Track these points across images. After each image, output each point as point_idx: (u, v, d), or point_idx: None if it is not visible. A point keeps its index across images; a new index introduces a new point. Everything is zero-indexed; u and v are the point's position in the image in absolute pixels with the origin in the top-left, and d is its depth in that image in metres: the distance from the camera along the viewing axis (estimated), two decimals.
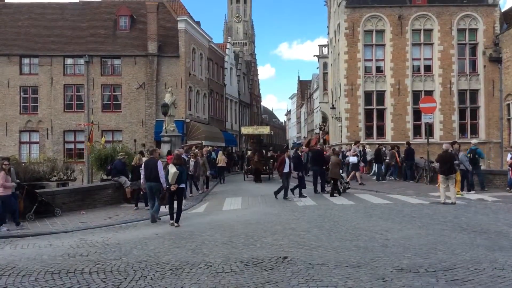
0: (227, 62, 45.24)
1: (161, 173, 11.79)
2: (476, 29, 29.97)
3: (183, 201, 12.40)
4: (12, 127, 31.83)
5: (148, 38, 31.45)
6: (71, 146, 31.94)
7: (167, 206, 12.10)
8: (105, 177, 17.97)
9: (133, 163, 15.59)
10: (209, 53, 38.49)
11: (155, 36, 31.39)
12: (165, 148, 22.64)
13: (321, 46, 46.60)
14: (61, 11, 35.21)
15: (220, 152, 26.39)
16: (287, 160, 16.36)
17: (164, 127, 24.61)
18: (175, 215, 11.51)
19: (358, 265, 6.85)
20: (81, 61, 31.94)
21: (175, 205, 11.63)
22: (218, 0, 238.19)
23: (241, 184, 24.14)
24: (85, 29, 33.70)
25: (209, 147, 26.47)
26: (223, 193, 19.20)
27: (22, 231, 11.42)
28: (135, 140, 30.30)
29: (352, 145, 24.39)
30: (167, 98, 24.76)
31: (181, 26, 32.17)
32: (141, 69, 31.66)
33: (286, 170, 16.14)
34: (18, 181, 12.88)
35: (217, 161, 25.03)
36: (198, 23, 36.71)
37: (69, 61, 32.42)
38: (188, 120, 32.09)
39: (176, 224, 11.24)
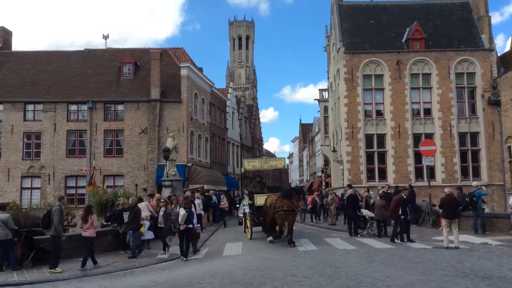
0: (229, 106, 45.81)
1: (195, 218, 14.56)
2: (473, 73, 30.43)
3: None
4: (15, 172, 31.92)
5: (151, 84, 32.03)
6: (73, 191, 31.88)
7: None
8: (105, 223, 17.83)
9: (119, 208, 15.54)
10: (211, 98, 39.05)
11: (158, 82, 31.97)
12: (166, 192, 22.62)
13: (321, 90, 47.27)
14: (67, 58, 36.09)
15: (223, 196, 26.40)
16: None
17: (165, 172, 24.68)
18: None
19: None
20: (85, 107, 32.41)
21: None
22: (221, 47, 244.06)
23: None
24: (90, 76, 34.42)
25: (205, 191, 26.39)
26: (224, 238, 18.96)
27: (19, 279, 11.27)
28: (136, 185, 30.27)
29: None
30: (169, 143, 24.96)
31: (183, 72, 32.81)
32: (144, 114, 32.07)
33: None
34: (16, 227, 12.82)
35: (223, 205, 25.82)
36: (200, 69, 37.48)
37: (73, 107, 32.89)
38: (189, 164, 32.16)
39: (185, 259, 13.47)
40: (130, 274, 11.82)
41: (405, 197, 15.66)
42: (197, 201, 22.28)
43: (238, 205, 30.82)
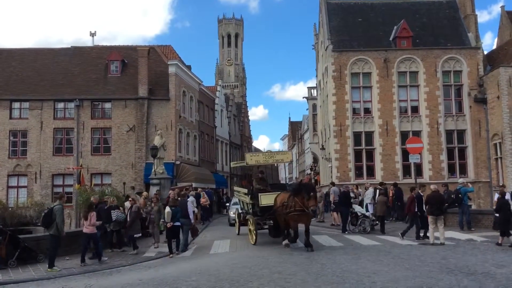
0: (217, 104, 45.72)
1: (190, 211, 15.17)
2: (460, 71, 30.71)
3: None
4: (1, 171, 31.56)
5: (139, 82, 31.85)
6: (60, 190, 31.50)
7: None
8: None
9: (106, 206, 15.28)
10: (200, 96, 38.94)
11: (146, 80, 31.80)
12: (154, 190, 22.52)
13: (310, 88, 47.41)
14: (53, 56, 35.71)
15: (203, 193, 26.14)
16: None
17: (153, 170, 24.60)
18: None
19: None
20: (72, 105, 32.13)
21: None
22: (210, 45, 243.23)
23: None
24: (77, 73, 34.12)
25: (195, 189, 26.33)
26: (212, 236, 18.92)
27: (3, 278, 11.15)
28: (124, 183, 30.09)
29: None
30: (157, 141, 24.88)
31: (171, 70, 32.67)
32: (132, 112, 31.88)
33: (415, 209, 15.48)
34: (0, 226, 12.69)
35: (204, 202, 25.15)
36: (188, 67, 37.34)
37: (60, 105, 32.58)
38: (178, 162, 32.05)
39: (177, 252, 14.10)
40: (116, 273, 11.77)
41: (421, 193, 15.58)
42: (190, 199, 22.32)
43: (227, 204, 28.89)
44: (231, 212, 22.75)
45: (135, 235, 15.18)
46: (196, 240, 17.96)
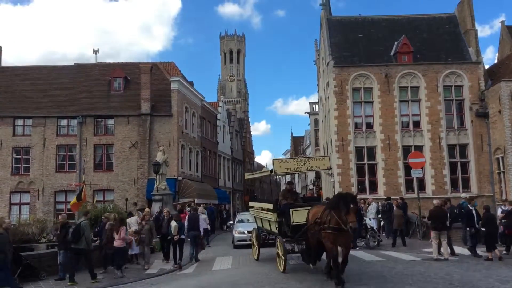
0: (219, 120, 45.87)
1: (201, 224, 16.32)
2: (461, 86, 30.77)
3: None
4: (3, 188, 31.61)
5: (142, 98, 32.03)
6: (62, 206, 31.50)
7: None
8: (93, 238, 17.64)
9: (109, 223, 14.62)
10: (202, 112, 39.11)
11: (148, 96, 31.98)
12: (156, 207, 22.51)
13: (311, 103, 47.59)
14: (57, 73, 36.03)
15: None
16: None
17: (155, 186, 24.60)
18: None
19: None
20: (75, 121, 32.29)
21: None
22: (213, 61, 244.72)
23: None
24: (80, 90, 34.37)
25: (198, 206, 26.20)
26: (215, 252, 18.83)
27: None
28: (126, 199, 30.06)
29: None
30: (159, 157, 24.93)
31: (174, 86, 32.87)
32: (134, 128, 32.00)
33: None
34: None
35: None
36: (191, 83, 37.58)
37: (63, 122, 32.75)
38: (180, 178, 32.04)
39: (180, 262, 14.87)
40: None
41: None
42: (202, 216, 22.24)
43: (231, 222, 26.61)
44: (236, 232, 20.32)
45: (133, 252, 15.17)
46: (198, 257, 17.86)
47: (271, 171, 13.15)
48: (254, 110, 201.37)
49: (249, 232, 18.34)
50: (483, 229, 14.14)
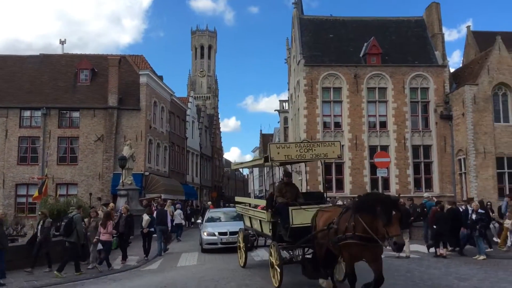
0: (189, 115, 45.50)
1: (169, 219, 17.05)
2: (427, 88, 31.53)
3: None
4: None
5: (109, 91, 31.42)
6: (23, 200, 30.67)
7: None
8: (56, 233, 17.20)
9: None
10: (171, 107, 38.70)
11: (116, 89, 31.40)
12: (121, 201, 22.14)
13: (282, 101, 47.83)
14: (21, 63, 34.89)
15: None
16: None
17: (121, 181, 24.22)
18: None
19: None
20: (39, 113, 31.40)
21: None
22: (183, 56, 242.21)
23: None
24: (45, 81, 33.42)
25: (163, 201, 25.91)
26: (181, 248, 18.65)
27: None
28: (90, 194, 29.47)
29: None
30: (125, 151, 24.56)
31: (142, 80, 32.39)
32: (100, 121, 31.37)
33: None
34: None
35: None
36: (160, 77, 37.10)
37: (26, 113, 31.80)
38: (147, 173, 31.64)
39: (146, 258, 15.19)
40: (80, 285, 11.47)
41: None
42: (178, 212, 22.49)
43: (199, 221, 23.90)
44: (204, 233, 16.96)
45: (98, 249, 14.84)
46: (163, 253, 17.67)
47: (265, 159, 10.48)
48: (224, 107, 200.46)
49: (220, 233, 16.39)
50: (435, 226, 14.46)
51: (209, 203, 39.23)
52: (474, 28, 41.89)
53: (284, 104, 46.72)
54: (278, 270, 9.54)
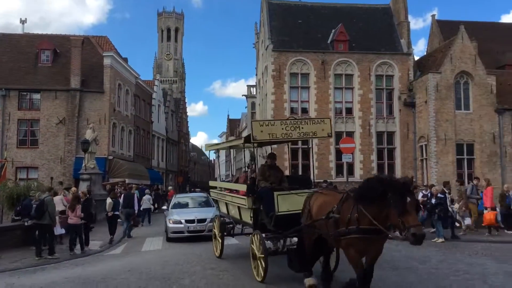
0: (155, 99, 44.81)
1: (136, 203, 17.72)
2: (392, 76, 32.06)
3: None
4: None
5: (71, 72, 30.46)
6: None
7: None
8: (15, 217, 16.74)
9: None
10: (136, 90, 37.96)
11: (79, 71, 30.49)
12: (83, 186, 21.64)
13: (249, 86, 47.69)
14: None
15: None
16: None
17: (84, 164, 23.70)
18: None
19: None
20: None
21: None
22: (149, 38, 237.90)
23: None
24: (4, 62, 32.06)
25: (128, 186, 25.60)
26: (145, 233, 18.46)
27: None
28: (52, 178, 28.71)
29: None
30: (88, 135, 24.00)
31: (106, 61, 31.56)
32: (62, 104, 30.44)
33: None
34: None
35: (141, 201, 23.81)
36: (125, 60, 36.29)
37: None
38: (111, 157, 31.05)
39: (112, 241, 15.41)
40: (40, 271, 11.20)
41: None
42: (147, 197, 22.96)
43: (164, 207, 20.57)
44: (170, 221, 15.64)
45: (58, 233, 14.51)
46: (131, 233, 17.45)
47: (246, 138, 9.53)
48: (191, 91, 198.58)
49: (187, 221, 15.17)
50: None
51: (170, 188, 38.56)
52: (439, 17, 42.87)
53: (251, 89, 46.62)
54: (262, 263, 8.50)
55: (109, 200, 16.44)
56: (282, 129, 9.04)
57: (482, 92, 29.60)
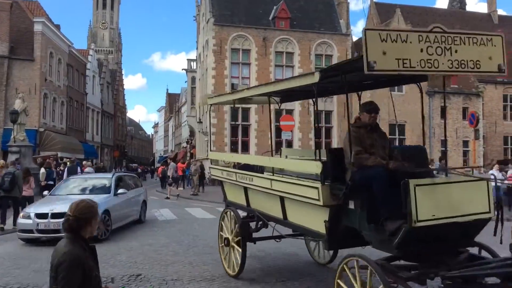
0: (89, 69, 42.90)
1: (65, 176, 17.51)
2: (331, 56, 32.70)
3: None
4: None
5: None
6: None
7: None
8: None
9: None
10: (69, 59, 36.12)
11: (7, 37, 28.51)
12: (12, 158, 20.48)
13: (190, 60, 46.73)
14: None
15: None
16: None
17: (12, 136, 22.40)
18: None
19: (212, 278, 6.84)
20: None
21: None
22: (83, 5, 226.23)
23: None
24: None
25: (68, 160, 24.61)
26: None
27: None
28: None
29: None
30: (17, 105, 22.66)
31: (37, 28, 29.71)
32: None
33: None
34: None
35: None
36: (57, 26, 34.34)
37: None
38: (42, 129, 29.56)
39: None
40: None
41: None
42: (89, 169, 21.51)
43: (46, 193, 14.02)
44: (21, 215, 10.98)
45: None
46: None
47: (351, 63, 5.12)
48: (129, 63, 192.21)
49: (38, 215, 10.21)
50: None
51: (85, 162, 24.85)
52: None
53: (192, 63, 45.70)
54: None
55: (42, 170, 16.92)
56: (421, 50, 4.37)
57: None
